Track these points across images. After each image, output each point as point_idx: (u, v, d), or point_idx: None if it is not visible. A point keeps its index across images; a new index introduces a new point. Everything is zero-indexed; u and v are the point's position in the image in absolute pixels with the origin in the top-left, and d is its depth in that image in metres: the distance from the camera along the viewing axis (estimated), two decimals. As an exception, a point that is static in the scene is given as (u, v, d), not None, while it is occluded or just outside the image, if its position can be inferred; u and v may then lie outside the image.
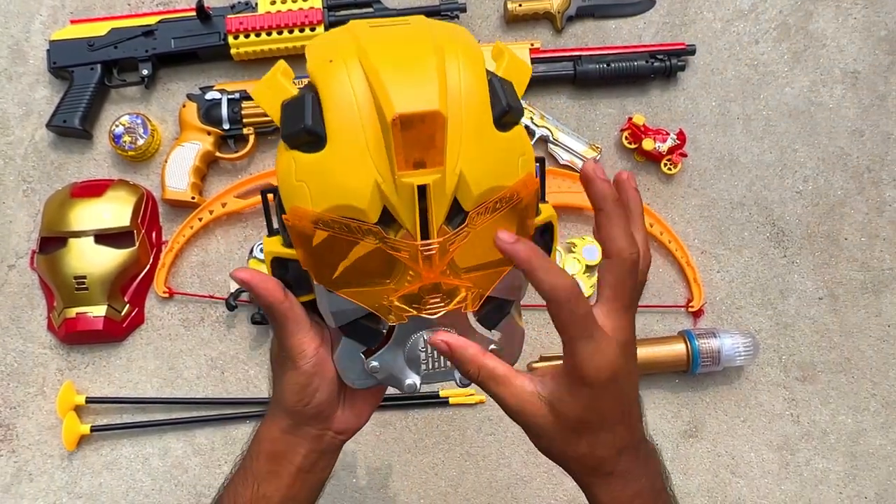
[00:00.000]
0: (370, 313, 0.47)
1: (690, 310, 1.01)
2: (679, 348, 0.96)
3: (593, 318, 0.44)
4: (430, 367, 0.50)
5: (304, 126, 0.43)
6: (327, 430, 0.53)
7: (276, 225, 0.50)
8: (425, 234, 0.43)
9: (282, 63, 0.47)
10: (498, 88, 0.45)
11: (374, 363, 0.49)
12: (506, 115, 0.45)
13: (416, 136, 0.41)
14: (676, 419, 1.00)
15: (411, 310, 0.46)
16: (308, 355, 0.50)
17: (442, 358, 0.50)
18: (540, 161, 0.51)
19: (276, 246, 0.49)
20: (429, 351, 0.49)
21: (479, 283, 0.47)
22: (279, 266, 0.50)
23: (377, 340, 0.49)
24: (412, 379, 0.50)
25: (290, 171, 0.45)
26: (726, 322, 1.02)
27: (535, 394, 0.46)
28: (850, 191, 1.04)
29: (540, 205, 0.50)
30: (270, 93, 0.47)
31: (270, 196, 0.50)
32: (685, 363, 0.96)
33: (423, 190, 0.42)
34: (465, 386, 0.50)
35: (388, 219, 0.44)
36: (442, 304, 0.46)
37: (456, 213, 0.45)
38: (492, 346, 0.50)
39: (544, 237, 0.51)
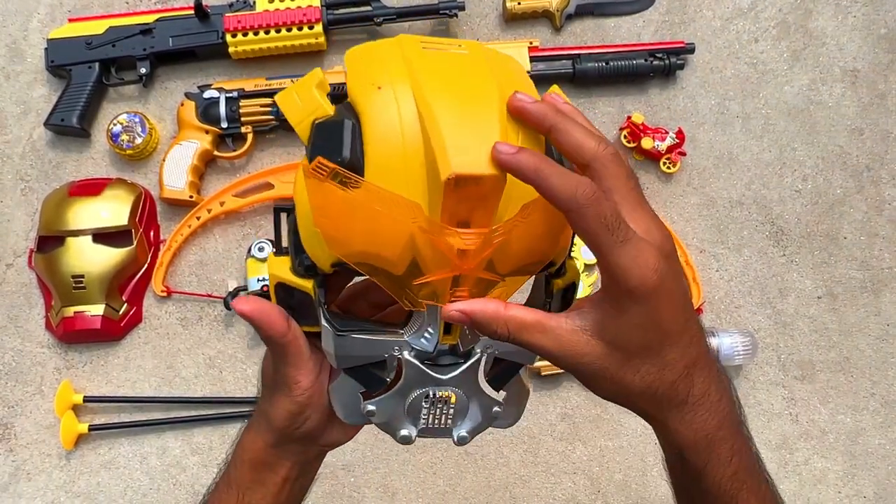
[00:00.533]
0: (375, 362, 0.44)
1: (689, 309, 1.00)
2: (678, 347, 0.96)
3: (624, 220, 0.38)
4: (430, 422, 0.46)
5: (341, 159, 0.39)
6: (313, 446, 0.52)
7: (285, 244, 0.46)
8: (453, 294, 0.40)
9: (318, 72, 0.42)
10: (554, 151, 0.42)
11: (371, 407, 0.45)
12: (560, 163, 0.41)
13: (468, 195, 0.37)
14: (675, 418, 0.99)
15: (434, 300, 0.41)
16: (303, 387, 0.47)
17: (443, 416, 0.46)
18: None
19: (283, 270, 0.45)
20: (430, 406, 0.45)
21: (516, 283, 0.43)
22: (283, 291, 0.46)
23: (379, 386, 0.46)
24: (408, 430, 0.46)
25: (317, 202, 0.40)
26: (725, 321, 1.02)
27: (578, 330, 0.40)
28: (850, 189, 1.04)
29: (567, 262, 0.47)
30: (300, 105, 0.42)
31: (284, 214, 0.46)
32: (684, 362, 0.96)
33: (464, 255, 0.38)
34: (462, 444, 0.47)
35: (415, 272, 0.40)
36: (467, 294, 0.41)
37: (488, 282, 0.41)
38: (495, 409, 0.46)
39: (566, 297, 0.47)
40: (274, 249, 0.47)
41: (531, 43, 1.04)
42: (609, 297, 0.39)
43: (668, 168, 1.02)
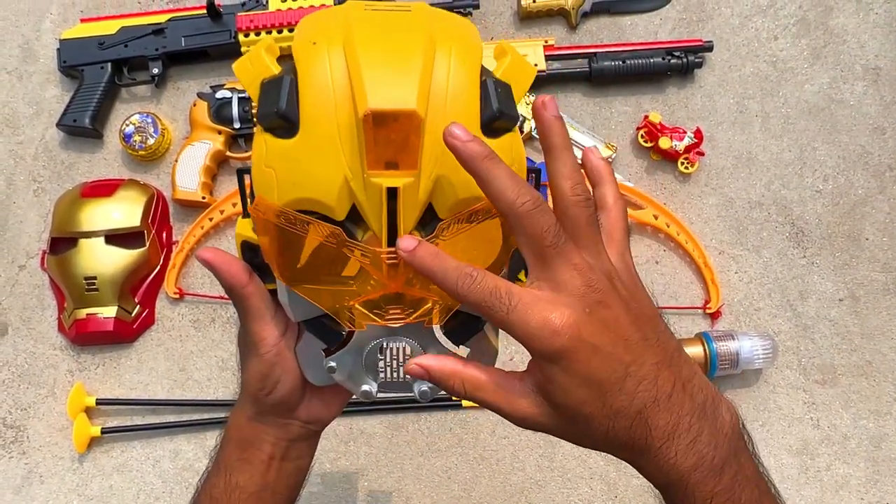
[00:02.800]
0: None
1: (708, 311, 0.99)
2: (696, 351, 0.95)
3: (509, 291, 0.38)
4: (389, 375, 0.47)
5: (276, 110, 0.41)
6: (293, 420, 0.52)
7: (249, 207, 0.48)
8: (392, 241, 0.41)
9: (268, 39, 0.45)
10: (491, 91, 0.42)
11: (332, 364, 0.47)
12: (496, 120, 0.42)
13: (389, 135, 0.39)
14: (693, 423, 0.98)
15: (372, 316, 0.43)
16: (269, 343, 0.48)
17: (401, 368, 0.47)
18: (535, 172, 0.47)
19: (246, 229, 0.47)
20: (387, 359, 0.46)
21: (446, 295, 0.42)
22: (249, 250, 0.47)
23: (337, 341, 0.47)
24: (368, 386, 0.47)
25: (261, 154, 0.43)
26: (744, 324, 1.00)
27: (529, 392, 0.40)
28: (872, 190, 1.02)
29: None
30: (251, 68, 0.44)
31: (248, 176, 0.47)
32: (703, 366, 0.94)
33: (393, 193, 0.39)
34: (425, 399, 0.47)
35: (357, 217, 0.42)
36: (404, 315, 0.43)
37: (430, 220, 0.42)
38: None
39: None
40: (242, 213, 0.48)
41: (546, 41, 1.02)
42: (534, 361, 0.40)
43: (686, 168, 1.00)
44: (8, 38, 1.08)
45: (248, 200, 0.47)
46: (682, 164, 1.01)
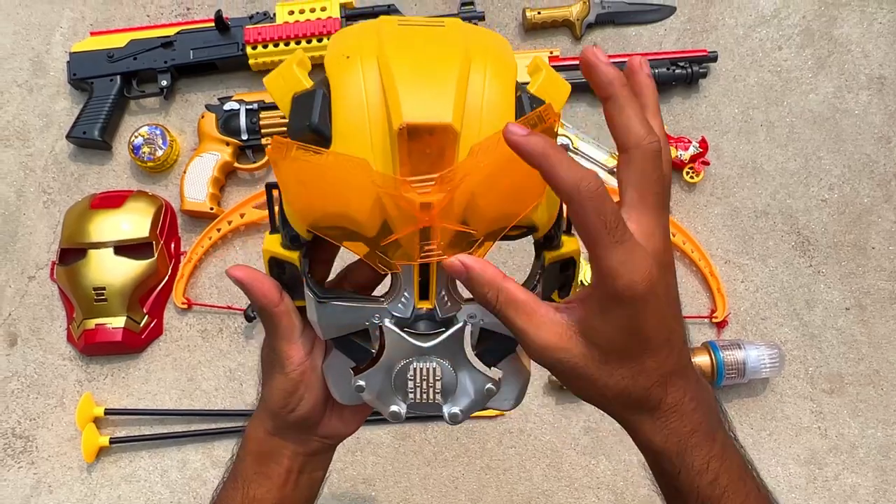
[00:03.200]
0: (360, 330, 0.44)
1: (714, 321, 0.99)
2: (703, 360, 0.95)
3: (623, 221, 0.37)
4: (418, 396, 0.45)
5: (309, 124, 0.40)
6: (312, 435, 0.52)
7: (278, 222, 0.47)
8: (424, 259, 0.41)
9: (300, 53, 0.44)
10: (526, 106, 0.42)
11: (361, 382, 0.45)
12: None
13: (423, 149, 0.38)
14: (700, 432, 0.98)
15: (408, 254, 0.42)
16: (296, 362, 0.48)
17: (431, 390, 0.45)
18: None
19: (275, 245, 0.46)
20: (417, 380, 0.45)
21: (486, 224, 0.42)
22: (276, 266, 0.47)
23: (366, 359, 0.46)
24: (397, 406, 0.46)
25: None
26: (751, 333, 1.00)
27: (564, 323, 0.40)
28: (878, 199, 1.02)
29: (563, 237, 0.46)
30: (283, 83, 0.43)
31: (276, 190, 0.46)
32: (709, 375, 0.94)
33: (427, 207, 0.39)
34: (454, 422, 0.46)
35: (387, 234, 0.41)
36: (441, 251, 0.41)
37: (464, 236, 0.41)
38: (488, 385, 0.44)
39: (565, 273, 0.47)
40: (270, 229, 0.48)
41: (552, 52, 1.03)
42: (596, 295, 0.39)
43: (692, 177, 1.01)
44: (19, 52, 1.09)
45: (277, 215, 0.46)
46: (688, 173, 1.01)
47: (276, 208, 0.47)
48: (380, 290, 0.49)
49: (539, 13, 1.04)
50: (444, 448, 0.98)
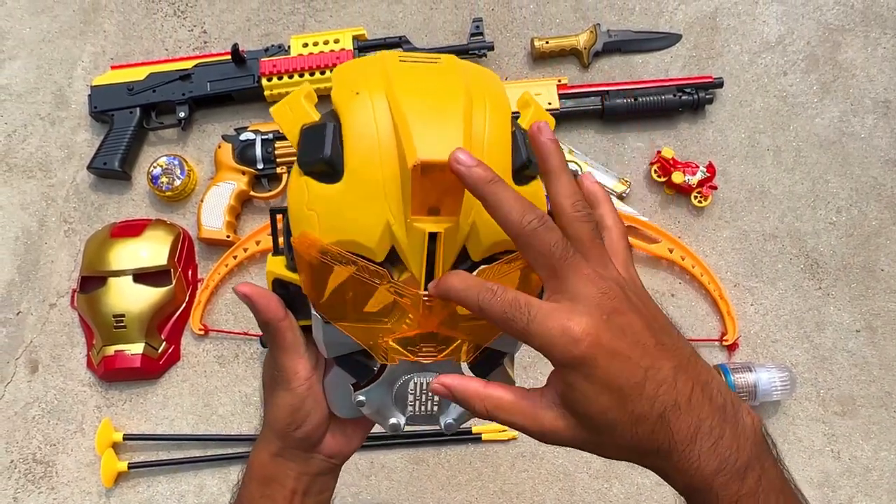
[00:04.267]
0: (363, 349, 0.46)
1: (725, 343, 1.00)
2: (714, 383, 0.95)
3: (530, 300, 0.39)
4: (417, 409, 0.49)
5: (322, 156, 0.42)
6: (316, 454, 0.53)
7: (281, 245, 0.50)
8: (430, 280, 0.43)
9: (307, 86, 0.47)
10: (520, 140, 0.45)
11: (361, 398, 0.48)
12: (525, 168, 0.45)
13: (434, 183, 0.40)
14: (713, 455, 0.98)
15: (406, 353, 0.45)
16: (302, 377, 0.49)
17: (429, 402, 0.49)
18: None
19: (279, 267, 0.48)
20: (417, 394, 0.48)
21: (477, 334, 0.45)
22: (280, 287, 0.49)
23: (368, 376, 0.48)
24: (397, 419, 0.49)
25: (301, 197, 0.44)
26: (762, 356, 1.00)
27: (552, 405, 0.41)
28: (886, 221, 1.03)
29: None
30: (291, 115, 0.46)
31: (280, 216, 0.49)
32: (721, 398, 0.95)
33: (433, 237, 0.41)
34: (450, 431, 0.49)
35: (393, 259, 0.43)
36: (436, 353, 0.46)
37: (462, 261, 0.44)
38: None
39: None
40: (273, 251, 0.50)
41: (560, 81, 1.05)
42: (553, 377, 0.41)
43: (700, 202, 1.02)
44: (42, 86, 1.13)
45: (281, 239, 0.49)
46: (696, 197, 1.02)
47: (280, 231, 0.49)
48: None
49: (547, 42, 1.06)
50: (457, 472, 0.99)
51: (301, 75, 1.04)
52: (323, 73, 1.04)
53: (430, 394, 0.48)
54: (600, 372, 0.38)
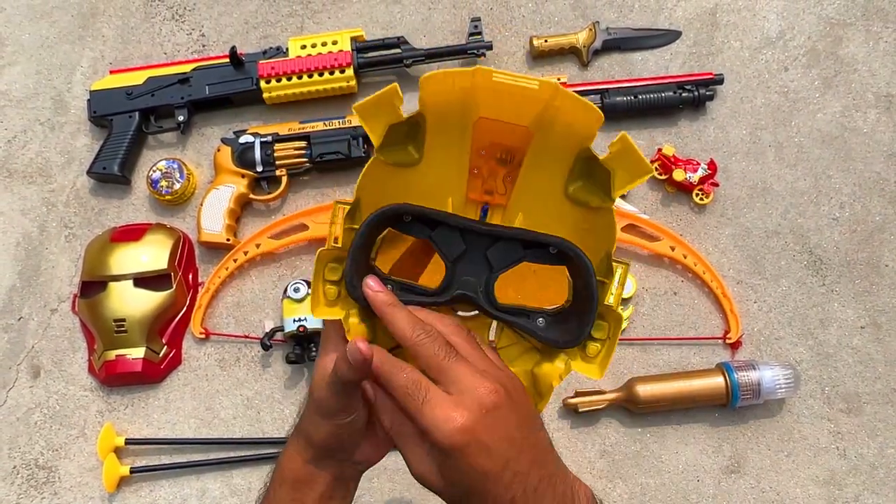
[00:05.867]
0: None
1: (728, 342, 0.99)
2: (717, 381, 0.94)
3: (428, 384, 0.45)
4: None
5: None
6: (348, 462, 0.54)
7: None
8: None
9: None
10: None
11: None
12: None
13: (494, 152, 0.45)
14: (717, 454, 0.97)
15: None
16: (353, 410, 0.50)
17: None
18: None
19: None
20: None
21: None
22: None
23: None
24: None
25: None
26: (765, 353, 1.00)
27: (431, 461, 0.46)
28: (890, 216, 1.02)
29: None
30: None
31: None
32: (724, 397, 0.94)
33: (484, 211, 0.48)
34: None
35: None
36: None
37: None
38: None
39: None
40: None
41: (559, 79, 1.05)
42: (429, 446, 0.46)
43: (701, 199, 1.01)
44: (42, 92, 1.13)
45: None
46: (697, 195, 1.02)
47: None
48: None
49: (546, 41, 1.06)
50: (460, 473, 0.98)
51: (300, 77, 1.04)
52: (321, 74, 1.04)
53: None
54: (470, 460, 0.44)
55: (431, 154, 0.48)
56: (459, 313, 0.52)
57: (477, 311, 0.51)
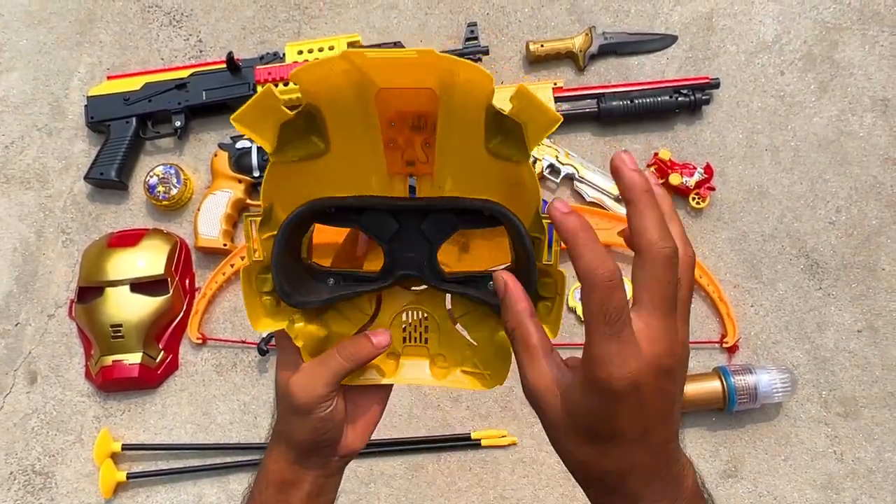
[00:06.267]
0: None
1: (725, 345, 0.99)
2: (714, 385, 0.94)
3: (627, 316, 0.38)
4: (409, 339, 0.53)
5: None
6: (332, 456, 0.53)
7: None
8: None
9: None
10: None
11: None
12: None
13: (404, 121, 0.43)
14: (714, 458, 0.97)
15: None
16: (329, 403, 0.50)
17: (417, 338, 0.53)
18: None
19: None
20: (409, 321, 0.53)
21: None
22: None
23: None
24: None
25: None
26: (762, 357, 1.00)
27: (555, 379, 0.42)
28: (886, 220, 1.02)
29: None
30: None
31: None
32: (721, 401, 0.94)
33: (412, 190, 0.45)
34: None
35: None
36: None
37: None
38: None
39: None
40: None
41: (555, 83, 1.05)
42: (582, 373, 0.40)
43: (698, 203, 1.01)
44: (39, 98, 1.13)
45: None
46: (694, 199, 1.02)
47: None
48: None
49: (542, 46, 1.06)
50: (457, 478, 0.99)
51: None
52: (318, 79, 1.03)
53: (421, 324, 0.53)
54: (615, 410, 0.39)
55: (338, 138, 0.45)
56: (413, 288, 0.52)
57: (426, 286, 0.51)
